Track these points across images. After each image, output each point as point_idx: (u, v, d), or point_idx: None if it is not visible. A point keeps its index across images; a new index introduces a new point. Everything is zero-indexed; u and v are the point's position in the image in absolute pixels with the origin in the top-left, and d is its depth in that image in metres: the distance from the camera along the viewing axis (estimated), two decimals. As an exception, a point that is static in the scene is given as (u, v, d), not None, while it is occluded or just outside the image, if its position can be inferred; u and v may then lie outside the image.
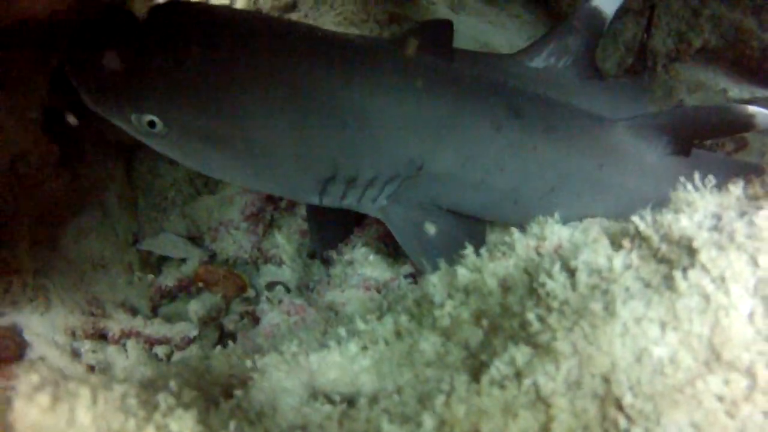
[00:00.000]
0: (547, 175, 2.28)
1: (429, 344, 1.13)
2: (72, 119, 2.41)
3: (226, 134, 1.89)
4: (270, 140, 1.94)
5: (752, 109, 2.19)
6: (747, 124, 2.21)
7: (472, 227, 2.34)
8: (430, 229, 2.25)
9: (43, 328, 2.59)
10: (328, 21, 3.30)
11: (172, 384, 1.05)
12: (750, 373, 0.95)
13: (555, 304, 0.99)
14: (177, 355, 2.54)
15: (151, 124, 1.84)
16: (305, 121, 1.92)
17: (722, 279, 1.01)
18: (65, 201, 2.66)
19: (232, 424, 1.02)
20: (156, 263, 2.80)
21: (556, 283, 1.05)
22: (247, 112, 1.88)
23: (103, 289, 2.72)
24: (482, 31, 3.53)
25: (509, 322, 1.06)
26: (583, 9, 2.63)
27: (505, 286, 1.20)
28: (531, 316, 0.97)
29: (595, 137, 2.39)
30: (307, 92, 1.91)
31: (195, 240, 2.77)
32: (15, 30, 1.68)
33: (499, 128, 2.17)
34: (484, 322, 1.08)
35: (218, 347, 2.39)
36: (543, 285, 1.05)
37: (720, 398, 0.93)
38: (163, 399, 1.00)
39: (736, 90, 3.81)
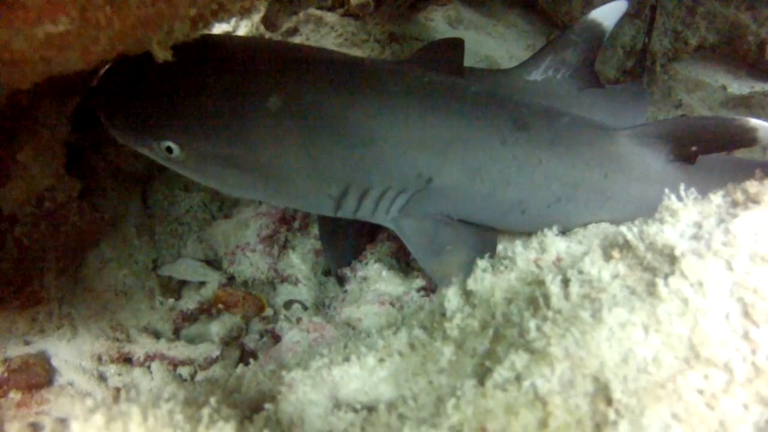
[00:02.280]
0: (554, 186, 2.37)
1: (441, 354, 1.27)
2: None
3: (240, 158, 2.07)
4: (282, 162, 2.09)
5: (754, 122, 2.21)
6: (750, 138, 2.24)
7: (483, 236, 2.43)
8: (443, 239, 2.35)
9: (70, 354, 2.76)
10: (329, 42, 3.47)
11: (212, 400, 1.20)
12: (727, 369, 1.09)
13: (549, 314, 1.13)
14: (200, 375, 2.70)
15: (170, 150, 2.02)
16: (314, 142, 2.07)
17: (700, 284, 1.15)
18: (87, 233, 2.84)
19: (267, 434, 1.17)
20: (176, 288, 2.96)
21: (552, 294, 1.20)
22: (258, 136, 2.04)
23: (127, 315, 2.88)
24: (482, 44, 3.68)
25: (510, 331, 1.20)
26: (580, 22, 2.74)
27: (508, 298, 1.35)
28: (529, 325, 1.12)
29: (600, 147, 2.48)
30: (316, 114, 2.06)
31: (212, 263, 2.93)
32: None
33: (504, 142, 2.27)
34: (490, 332, 1.22)
35: (240, 366, 2.59)
36: (540, 295, 1.19)
37: (700, 392, 1.07)
38: (206, 413, 1.15)
39: (735, 85, 3.94)
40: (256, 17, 3.36)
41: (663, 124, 2.62)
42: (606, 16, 2.75)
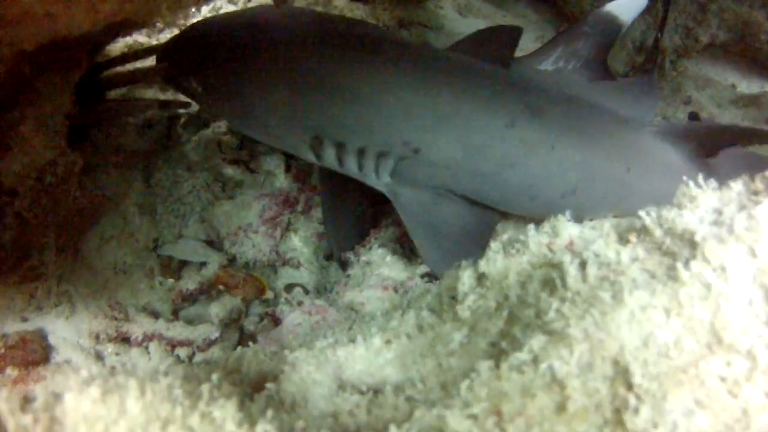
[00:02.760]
0: (568, 175, 2.33)
1: (452, 335, 1.23)
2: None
3: (237, 95, 2.33)
4: (265, 101, 2.28)
5: None
6: None
7: (483, 217, 2.41)
8: (439, 213, 2.33)
9: (68, 332, 2.71)
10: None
11: (214, 376, 1.15)
12: (750, 355, 1.05)
13: (568, 294, 1.08)
14: (199, 356, 2.65)
15: (192, 85, 2.44)
16: (294, 85, 2.24)
17: (722, 269, 1.10)
18: (88, 209, 2.79)
19: (269, 412, 1.12)
20: (177, 268, 2.91)
21: (568, 275, 1.15)
22: (252, 76, 2.28)
23: (126, 294, 2.83)
24: (490, 33, 3.61)
25: (526, 312, 1.15)
26: (595, 14, 2.67)
27: (521, 280, 1.30)
28: (546, 305, 1.07)
29: (622, 140, 2.45)
30: (304, 64, 2.23)
31: (214, 244, 2.88)
32: (46, 47, 1.80)
33: (512, 124, 2.25)
34: (504, 313, 1.18)
35: (239, 348, 2.54)
36: (557, 277, 1.15)
37: (722, 379, 1.02)
38: (206, 389, 1.10)
39: (744, 84, 3.89)
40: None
41: (693, 126, 2.60)
42: (624, 10, 2.69)
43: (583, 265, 1.19)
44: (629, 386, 0.96)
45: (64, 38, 1.78)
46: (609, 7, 2.68)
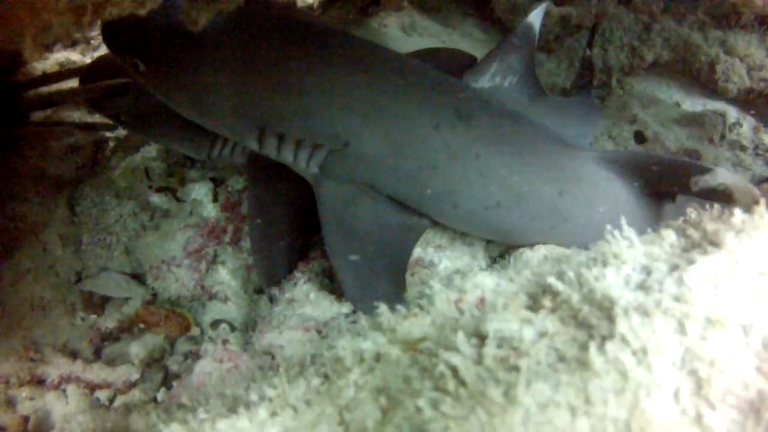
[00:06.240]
0: (492, 187, 2.15)
1: (328, 422, 0.98)
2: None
3: (185, 79, 2.14)
4: (214, 89, 2.11)
5: (722, 175, 1.89)
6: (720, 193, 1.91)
7: (404, 221, 2.24)
8: (358, 209, 2.17)
9: (-27, 375, 2.41)
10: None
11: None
12: (675, 461, 0.81)
13: (451, 386, 0.84)
14: (119, 399, 2.36)
15: (137, 65, 2.16)
16: (243, 77, 2.09)
17: (644, 351, 0.86)
18: (2, 241, 2.48)
19: None
20: (100, 303, 2.62)
21: (460, 357, 0.90)
22: (198, 59, 2.10)
23: (44, 331, 2.52)
24: (435, 53, 3.38)
25: (410, 400, 0.90)
26: (521, 27, 2.52)
27: (416, 351, 1.05)
28: (423, 401, 0.82)
29: (556, 161, 2.24)
30: (252, 53, 2.09)
31: (139, 278, 2.59)
32: None
33: (437, 126, 2.10)
34: (383, 400, 0.93)
35: (162, 390, 2.26)
36: (445, 360, 0.90)
37: (641, 496, 0.78)
38: None
39: (688, 102, 3.72)
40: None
41: (635, 155, 2.43)
42: (535, 18, 2.55)
43: (482, 339, 0.95)
44: None
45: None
46: (530, 18, 2.54)
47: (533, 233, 2.26)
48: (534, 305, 1.05)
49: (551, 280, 1.00)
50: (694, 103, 3.60)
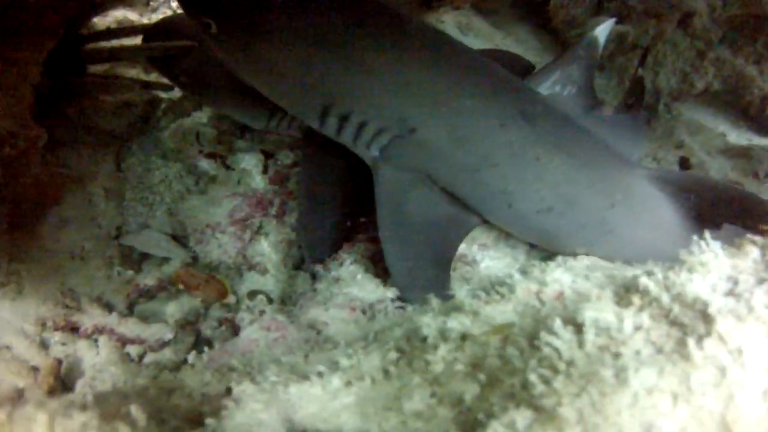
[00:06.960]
0: (544, 191, 2.20)
1: (420, 393, 1.04)
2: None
3: (255, 45, 2.15)
4: (283, 59, 2.13)
5: None
6: None
7: (457, 215, 2.29)
8: (413, 197, 2.22)
9: (12, 315, 2.48)
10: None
11: (134, 411, 0.95)
12: (761, 456, 0.88)
13: (561, 366, 0.90)
14: (149, 357, 2.43)
15: (209, 25, 2.15)
16: (315, 51, 2.11)
17: (739, 352, 0.93)
18: (50, 188, 2.55)
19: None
20: (137, 260, 2.69)
21: (561, 341, 0.97)
22: (272, 28, 2.11)
23: (80, 281, 2.60)
24: (489, 54, 3.44)
25: (509, 379, 0.97)
26: (586, 39, 2.60)
27: (505, 334, 1.12)
28: (534, 377, 0.89)
29: (611, 174, 2.31)
30: (326, 29, 2.11)
31: (180, 240, 2.66)
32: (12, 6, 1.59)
33: (502, 125, 2.15)
34: (481, 376, 0.99)
35: (193, 354, 2.32)
36: (547, 342, 0.96)
37: (729, 483, 0.85)
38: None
39: (734, 135, 3.76)
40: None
41: (693, 177, 2.45)
42: (601, 33, 2.63)
43: (579, 327, 1.01)
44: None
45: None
46: (596, 32, 2.61)
47: (578, 242, 2.31)
48: (621, 302, 1.11)
49: (643, 279, 1.06)
50: (739, 137, 3.65)
